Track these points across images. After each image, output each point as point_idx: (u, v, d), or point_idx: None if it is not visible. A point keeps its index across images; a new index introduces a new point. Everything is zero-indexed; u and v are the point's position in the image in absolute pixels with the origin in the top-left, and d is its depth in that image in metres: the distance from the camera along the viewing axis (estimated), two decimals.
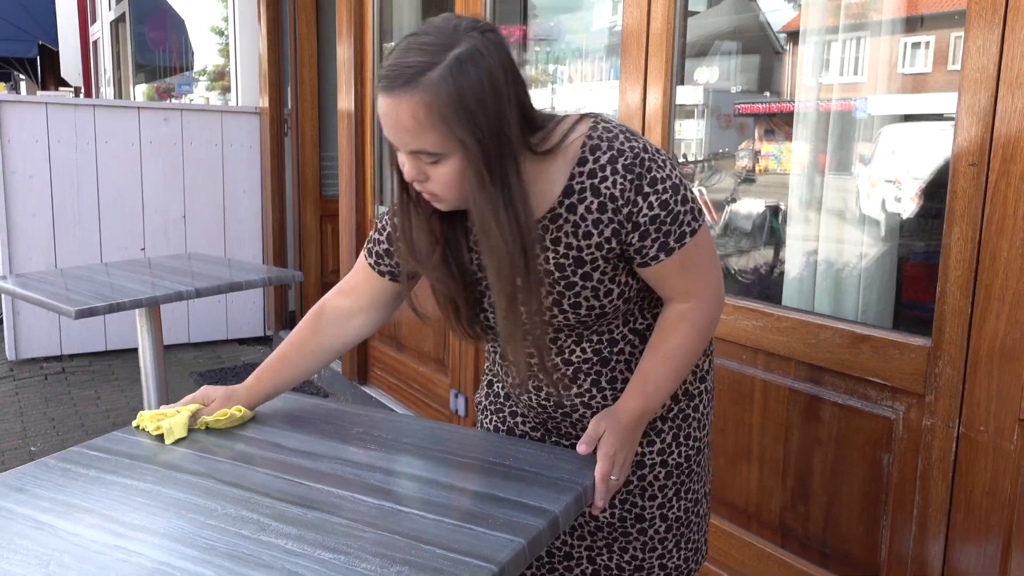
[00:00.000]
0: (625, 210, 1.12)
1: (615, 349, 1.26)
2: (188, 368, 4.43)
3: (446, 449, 1.26)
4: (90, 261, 4.35)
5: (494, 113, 1.03)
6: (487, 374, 1.48)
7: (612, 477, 1.19)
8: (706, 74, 2.80)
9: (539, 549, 1.03)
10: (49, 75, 11.55)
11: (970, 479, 1.54)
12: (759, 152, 2.78)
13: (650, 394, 1.21)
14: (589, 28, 3.08)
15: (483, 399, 1.47)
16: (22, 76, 13.59)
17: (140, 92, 8.29)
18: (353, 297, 1.38)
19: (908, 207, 2.05)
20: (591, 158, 1.12)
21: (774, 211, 2.50)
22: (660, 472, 1.32)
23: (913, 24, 2.01)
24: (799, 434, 1.87)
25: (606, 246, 1.15)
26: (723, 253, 2.79)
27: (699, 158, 2.97)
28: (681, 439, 1.33)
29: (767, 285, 2.32)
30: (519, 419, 1.41)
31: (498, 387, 1.44)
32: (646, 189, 1.11)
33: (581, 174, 1.13)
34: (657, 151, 1.14)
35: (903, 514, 1.68)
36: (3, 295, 4.39)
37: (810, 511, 1.87)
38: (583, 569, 1.38)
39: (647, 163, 1.12)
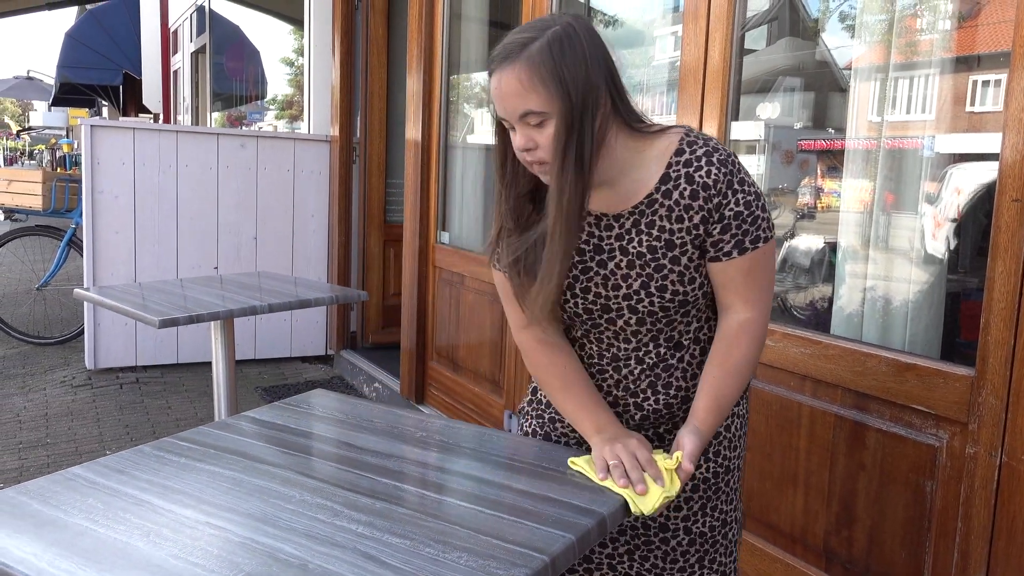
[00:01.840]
0: (715, 200, 1.24)
1: (678, 355, 1.34)
2: (253, 383, 4.61)
3: (501, 454, 1.35)
4: (167, 277, 4.58)
5: (586, 78, 1.18)
6: (533, 381, 1.56)
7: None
8: (768, 110, 2.86)
9: (587, 546, 1.11)
10: (131, 102, 12.11)
11: (1012, 507, 1.58)
12: (821, 188, 2.82)
13: (723, 409, 1.29)
14: (649, 63, 3.18)
15: (526, 405, 1.56)
16: (105, 103, 14.27)
17: (213, 120, 8.67)
18: (535, 330, 1.38)
19: (970, 246, 2.07)
20: (688, 150, 1.25)
21: (833, 248, 2.53)
22: (687, 484, 1.37)
23: (983, 62, 2.03)
24: (844, 460, 1.91)
25: (695, 231, 1.26)
26: (780, 289, 2.84)
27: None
28: (711, 455, 1.38)
29: (822, 323, 2.36)
30: (558, 424, 1.48)
31: (541, 394, 1.52)
32: (736, 185, 1.24)
33: (678, 163, 1.25)
34: (743, 165, 1.29)
35: (946, 541, 1.71)
36: (85, 308, 4.64)
37: (854, 536, 1.91)
38: (603, 574, 1.44)
39: (738, 164, 1.26)
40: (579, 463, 1.27)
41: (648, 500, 1.18)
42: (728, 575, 1.44)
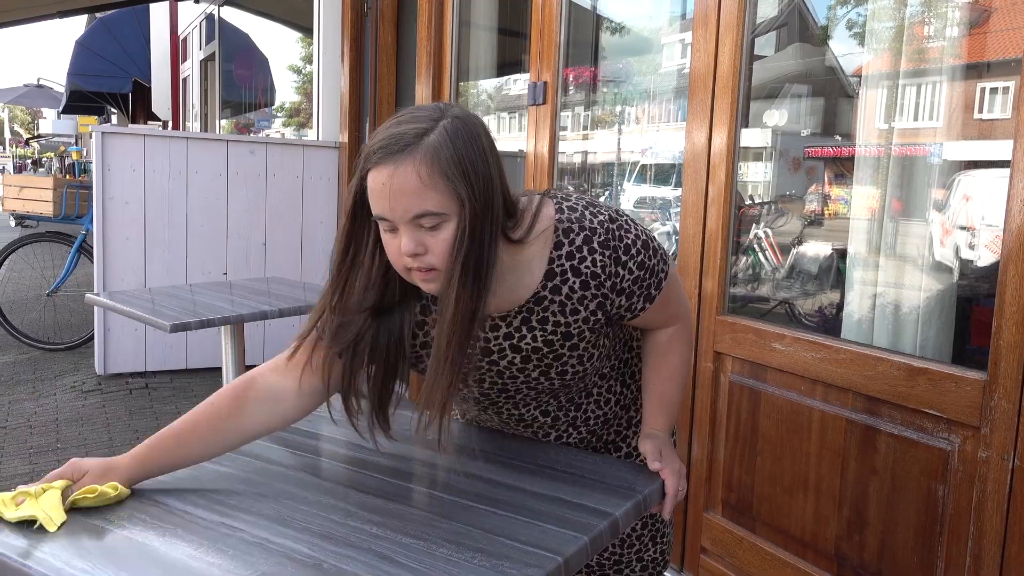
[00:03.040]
0: (608, 283, 1.19)
1: (584, 394, 1.40)
2: None
3: (513, 456, 1.36)
4: (177, 283, 4.60)
5: (485, 175, 1.07)
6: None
7: (680, 488, 1.30)
8: (775, 117, 2.87)
9: (600, 547, 1.11)
10: (139, 109, 12.17)
11: None
12: (828, 196, 2.82)
13: (669, 409, 1.36)
14: (657, 70, 3.18)
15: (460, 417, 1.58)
16: (114, 110, 14.35)
17: (222, 127, 8.71)
18: (291, 377, 1.24)
19: (982, 254, 2.07)
20: (566, 241, 1.18)
21: (842, 255, 2.53)
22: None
23: (991, 69, 2.03)
24: (855, 464, 1.91)
25: (592, 319, 1.23)
26: (788, 296, 2.83)
27: (765, 200, 3.03)
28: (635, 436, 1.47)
29: (831, 329, 2.36)
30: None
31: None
32: (623, 258, 1.19)
33: (559, 256, 1.18)
34: (619, 214, 1.21)
35: (958, 546, 1.70)
36: (95, 314, 4.66)
37: (865, 541, 1.90)
38: None
39: (617, 233, 1.18)
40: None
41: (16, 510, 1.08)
42: (670, 542, 1.56)
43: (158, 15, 9.90)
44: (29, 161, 13.28)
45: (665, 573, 1.56)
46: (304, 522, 1.09)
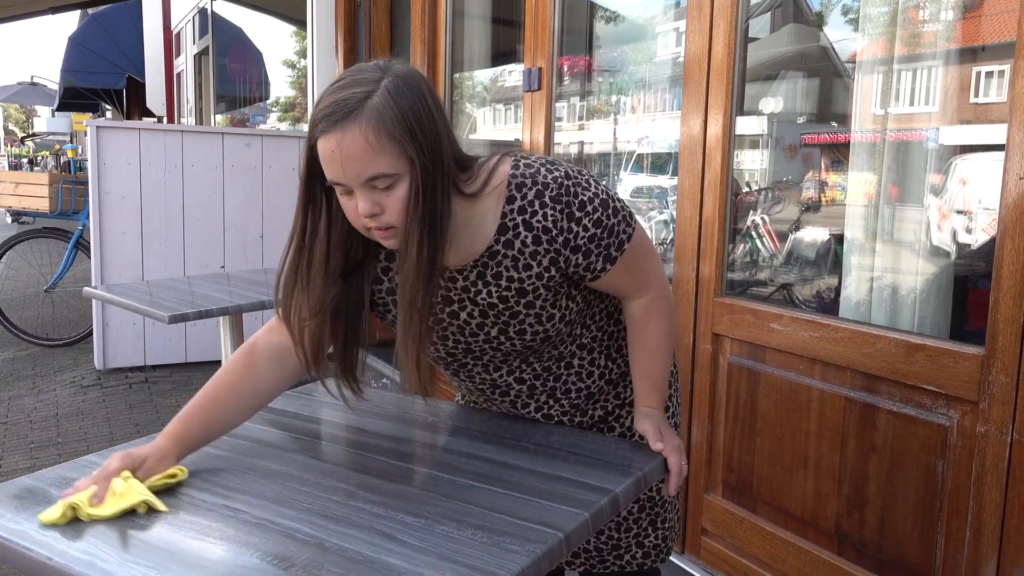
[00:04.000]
0: (560, 238, 1.18)
1: (563, 364, 1.36)
2: None
3: (513, 436, 1.36)
4: (174, 276, 4.59)
5: (431, 130, 1.08)
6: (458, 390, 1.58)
7: (683, 464, 1.30)
8: (771, 104, 2.86)
9: (600, 523, 1.12)
10: (134, 105, 12.15)
11: None
12: (825, 182, 2.82)
13: (659, 385, 1.35)
14: (652, 59, 3.17)
15: (460, 399, 1.58)
16: (108, 107, 14.31)
17: (217, 122, 8.69)
18: (287, 335, 1.26)
19: (980, 237, 2.07)
20: (518, 195, 1.18)
21: (839, 240, 2.53)
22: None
23: (986, 53, 2.03)
24: (855, 442, 1.91)
25: (546, 275, 1.22)
26: (785, 281, 2.83)
27: (762, 187, 3.04)
28: None
29: (828, 312, 2.36)
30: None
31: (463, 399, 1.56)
32: (577, 214, 1.17)
33: (512, 211, 1.18)
34: (579, 172, 1.20)
35: (958, 520, 1.71)
36: (93, 309, 4.66)
37: (865, 518, 1.91)
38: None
39: (572, 189, 1.18)
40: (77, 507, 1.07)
41: (47, 512, 1.04)
42: (674, 529, 1.52)
43: (150, 9, 9.86)
44: (25, 160, 13.24)
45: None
46: (305, 503, 1.09)
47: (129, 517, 1.05)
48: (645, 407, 1.35)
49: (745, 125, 2.52)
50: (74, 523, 1.04)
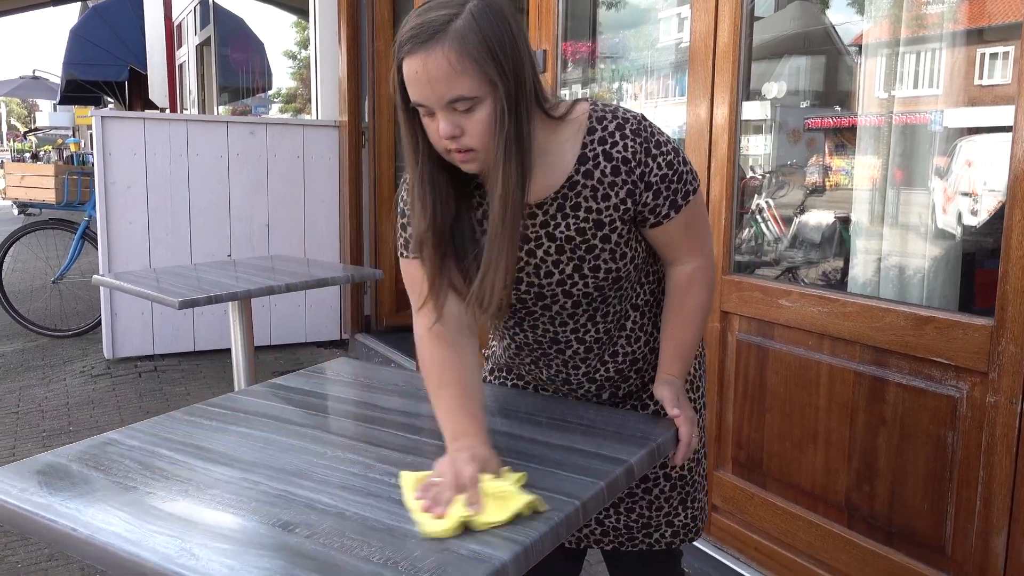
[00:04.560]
0: (638, 171, 1.22)
1: (618, 325, 1.38)
2: (269, 367, 4.65)
3: (528, 411, 1.37)
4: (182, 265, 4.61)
5: (514, 55, 1.10)
6: (488, 360, 1.57)
7: (694, 437, 1.30)
8: (775, 89, 2.86)
9: (616, 492, 1.13)
10: (136, 97, 12.14)
11: None
12: (829, 167, 2.82)
13: (686, 355, 1.35)
14: (655, 45, 3.16)
15: (487, 374, 1.56)
16: (110, 99, 14.31)
17: (219, 113, 8.69)
18: (446, 309, 1.26)
19: (985, 218, 2.07)
20: (599, 127, 1.22)
21: (844, 223, 2.53)
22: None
23: (991, 34, 2.02)
24: (865, 416, 1.92)
25: (622, 207, 1.25)
26: (791, 265, 2.84)
27: (767, 172, 3.04)
28: None
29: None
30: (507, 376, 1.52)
31: (496, 361, 1.55)
32: (654, 151, 1.22)
33: (592, 142, 1.22)
34: (652, 122, 1.26)
35: (968, 491, 1.72)
36: (102, 299, 4.67)
37: (876, 491, 1.92)
38: (591, 529, 1.48)
39: (649, 127, 1.24)
40: (408, 480, 1.07)
41: (437, 524, 0.96)
42: (703, 509, 1.52)
43: (152, 0, 9.85)
44: (27, 155, 13.25)
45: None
46: (324, 475, 1.11)
47: (146, 489, 1.06)
48: (667, 374, 1.34)
49: (750, 110, 2.52)
50: (92, 495, 1.05)
